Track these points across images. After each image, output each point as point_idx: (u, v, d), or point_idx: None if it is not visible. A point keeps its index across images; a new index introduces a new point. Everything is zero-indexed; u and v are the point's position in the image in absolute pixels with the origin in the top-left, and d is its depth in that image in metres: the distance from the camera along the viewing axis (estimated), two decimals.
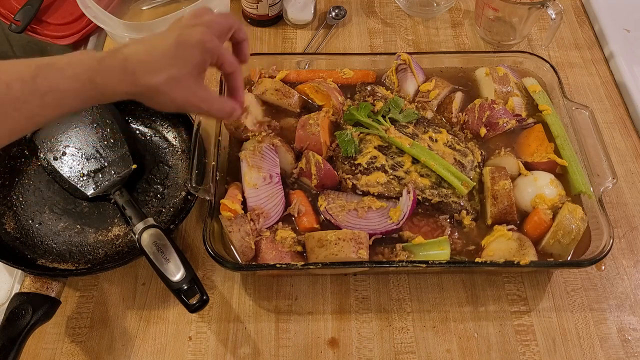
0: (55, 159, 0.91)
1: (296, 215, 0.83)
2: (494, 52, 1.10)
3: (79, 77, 0.59)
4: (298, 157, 0.88)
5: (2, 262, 0.80)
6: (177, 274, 0.74)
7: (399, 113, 0.91)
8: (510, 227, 0.82)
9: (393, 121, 0.90)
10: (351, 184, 0.85)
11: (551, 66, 0.97)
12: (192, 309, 0.73)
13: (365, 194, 0.85)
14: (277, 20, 1.19)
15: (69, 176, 0.90)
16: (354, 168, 0.86)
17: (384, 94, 0.95)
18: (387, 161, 0.86)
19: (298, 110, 0.95)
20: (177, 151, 0.96)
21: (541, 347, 0.79)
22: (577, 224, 0.79)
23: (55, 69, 0.58)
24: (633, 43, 1.14)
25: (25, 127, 0.60)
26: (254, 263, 0.80)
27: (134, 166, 0.91)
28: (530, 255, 0.79)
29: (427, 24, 1.21)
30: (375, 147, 0.87)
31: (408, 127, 0.90)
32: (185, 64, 0.62)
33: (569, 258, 0.81)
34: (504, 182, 0.84)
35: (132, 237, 0.84)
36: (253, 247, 0.79)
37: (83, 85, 0.59)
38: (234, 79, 0.71)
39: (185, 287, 0.73)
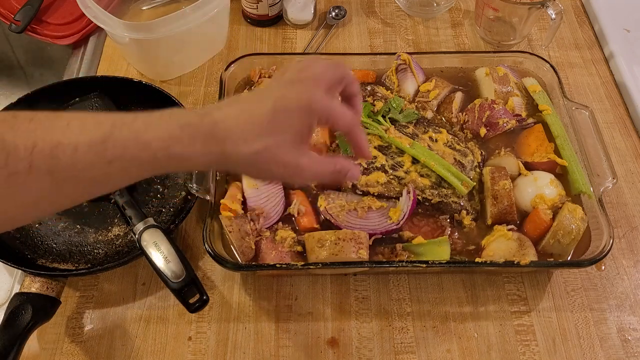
0: None
1: (296, 215, 0.83)
2: (494, 52, 1.10)
3: (150, 145, 0.50)
4: None
5: (2, 262, 0.80)
6: (177, 274, 0.74)
7: (399, 113, 0.91)
8: (510, 227, 0.82)
9: (393, 121, 0.90)
10: (351, 184, 0.85)
11: (551, 66, 0.97)
12: (192, 309, 0.73)
13: (365, 194, 0.85)
14: (277, 20, 1.19)
15: None
16: None
17: (384, 94, 0.95)
18: (387, 161, 0.86)
19: None
20: None
21: (541, 347, 0.80)
22: (577, 224, 0.79)
23: (130, 130, 0.50)
24: (633, 43, 1.14)
25: (81, 196, 0.52)
26: (254, 263, 0.80)
27: None
28: (530, 255, 0.79)
29: (427, 24, 1.21)
30: (375, 147, 0.87)
31: (408, 127, 0.90)
32: (286, 131, 0.54)
33: (569, 258, 0.81)
34: (504, 182, 0.84)
35: (132, 237, 0.84)
36: (253, 247, 0.79)
37: (153, 155, 0.50)
38: (352, 137, 0.60)
39: (185, 287, 0.73)
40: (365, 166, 0.83)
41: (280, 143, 0.54)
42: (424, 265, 0.76)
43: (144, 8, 1.13)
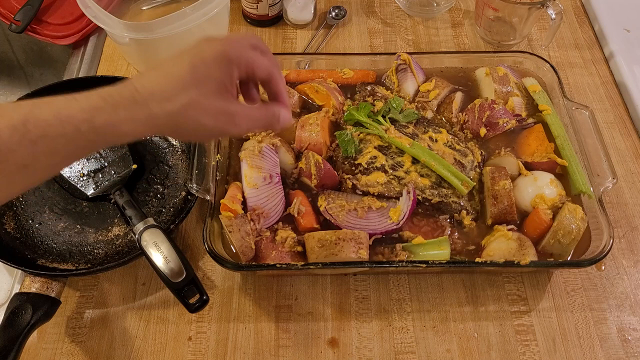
0: None
1: (296, 215, 0.83)
2: (494, 52, 1.10)
3: (72, 119, 0.50)
4: (298, 157, 0.88)
5: (2, 262, 0.80)
6: (177, 274, 0.74)
7: (399, 113, 0.91)
8: (510, 227, 0.82)
9: (393, 121, 0.90)
10: (351, 184, 0.85)
11: (551, 66, 0.97)
12: (192, 309, 0.73)
13: (365, 194, 0.85)
14: (277, 20, 1.19)
15: (69, 176, 0.90)
16: (354, 168, 0.86)
17: (384, 94, 0.95)
18: (387, 161, 0.86)
19: (298, 110, 0.95)
20: (177, 151, 0.96)
21: (541, 347, 0.79)
22: (577, 224, 0.79)
23: (49, 109, 0.50)
24: (633, 43, 1.14)
25: (18, 183, 0.51)
26: (254, 263, 0.80)
27: (134, 166, 0.91)
28: (530, 255, 0.79)
29: (427, 24, 1.21)
30: (375, 147, 0.87)
31: (408, 127, 0.90)
32: (207, 82, 0.55)
33: (569, 258, 0.81)
34: (504, 182, 0.84)
35: (132, 237, 0.84)
36: (253, 247, 0.79)
37: (77, 129, 0.50)
38: (273, 84, 0.62)
39: (185, 287, 0.73)
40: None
41: (205, 93, 0.55)
42: (424, 265, 0.76)
43: (144, 8, 1.13)
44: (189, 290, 0.73)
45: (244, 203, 0.82)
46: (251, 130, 0.66)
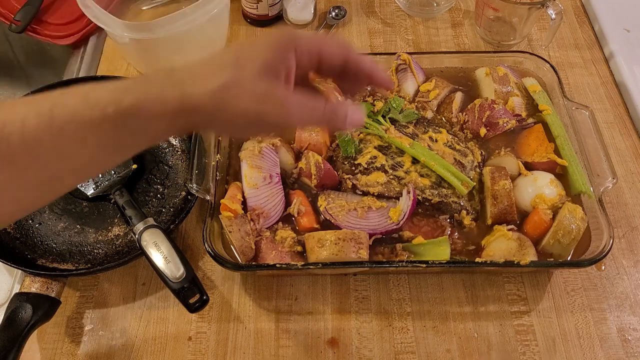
0: None
1: (296, 215, 0.83)
2: (494, 52, 1.10)
3: (99, 101, 0.45)
4: (298, 157, 0.88)
5: (2, 262, 0.80)
6: (177, 274, 0.74)
7: (399, 113, 0.91)
8: (510, 227, 0.82)
9: (393, 121, 0.90)
10: (351, 184, 0.85)
11: (551, 66, 0.97)
12: (192, 309, 0.73)
13: (365, 194, 0.85)
14: (277, 20, 1.19)
15: None
16: (354, 168, 0.86)
17: (384, 94, 0.95)
18: (387, 161, 0.86)
19: None
20: (177, 151, 0.96)
21: (541, 347, 0.79)
22: (577, 224, 0.79)
23: (77, 92, 0.46)
24: (633, 43, 1.14)
25: (44, 183, 0.46)
26: (254, 263, 0.80)
27: (134, 166, 0.91)
28: (530, 255, 0.79)
29: (427, 24, 1.21)
30: (375, 147, 0.87)
31: (408, 127, 0.90)
32: (250, 62, 0.47)
33: (569, 258, 0.81)
34: (504, 182, 0.84)
35: (132, 237, 0.84)
36: (253, 247, 0.79)
37: (104, 113, 0.45)
38: (357, 64, 0.52)
39: (185, 287, 0.73)
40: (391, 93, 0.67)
41: (246, 74, 0.47)
42: (424, 265, 0.76)
43: (144, 8, 1.13)
44: (189, 290, 0.73)
45: (244, 203, 0.82)
46: (308, 124, 0.55)
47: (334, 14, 1.19)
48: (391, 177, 0.85)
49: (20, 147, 0.44)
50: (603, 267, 0.87)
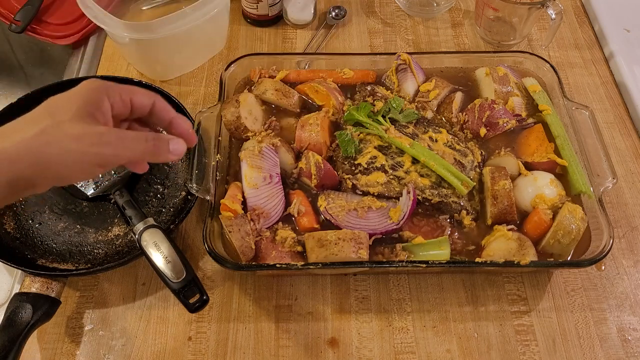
0: None
1: (296, 215, 0.83)
2: (494, 52, 1.10)
3: None
4: (298, 157, 0.88)
5: (2, 262, 0.80)
6: (177, 274, 0.74)
7: (399, 113, 0.91)
8: (510, 227, 0.82)
9: (393, 121, 0.90)
10: (351, 184, 0.85)
11: (551, 66, 0.97)
12: (192, 309, 0.73)
13: (365, 194, 0.85)
14: (277, 20, 1.19)
15: None
16: (354, 168, 0.86)
17: (384, 94, 0.95)
18: (387, 161, 0.86)
19: (298, 110, 0.95)
20: None
21: (541, 347, 0.79)
22: (577, 224, 0.79)
23: None
24: (633, 43, 1.14)
25: None
26: (254, 263, 0.80)
27: None
28: (530, 255, 0.79)
29: (427, 24, 1.21)
30: (375, 147, 0.87)
31: (408, 127, 0.90)
32: (63, 111, 0.50)
33: (569, 258, 0.81)
34: (504, 182, 0.84)
35: (132, 237, 0.84)
36: (253, 247, 0.79)
37: None
38: (162, 111, 0.58)
39: (185, 287, 0.73)
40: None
41: (62, 120, 0.50)
42: (424, 265, 0.76)
43: (144, 8, 1.13)
44: (189, 290, 0.73)
45: (244, 203, 0.82)
46: (130, 154, 0.54)
47: (334, 14, 1.19)
48: (391, 177, 0.85)
49: None
50: (603, 267, 0.87)
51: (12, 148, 0.48)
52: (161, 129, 0.62)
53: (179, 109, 0.94)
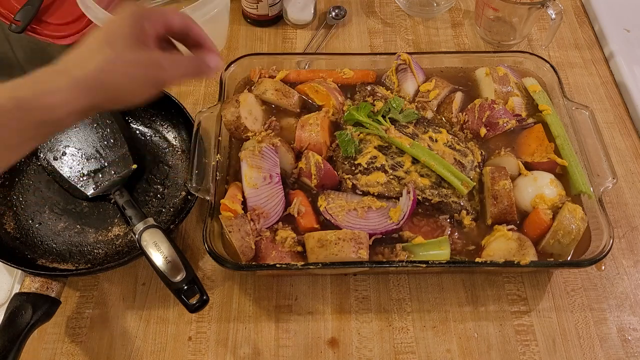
0: (55, 159, 0.91)
1: (296, 215, 0.83)
2: (494, 52, 1.10)
3: None
4: (298, 157, 0.88)
5: (2, 262, 0.80)
6: (177, 274, 0.74)
7: (399, 113, 0.91)
8: (510, 227, 0.82)
9: (393, 121, 0.90)
10: (351, 184, 0.85)
11: (551, 66, 0.97)
12: (192, 309, 0.73)
13: (365, 194, 0.85)
14: (277, 20, 1.19)
15: (69, 176, 0.90)
16: (354, 168, 0.86)
17: (384, 94, 0.95)
18: (387, 161, 0.86)
19: (298, 110, 0.95)
20: (177, 151, 0.96)
21: (541, 347, 0.80)
22: (577, 224, 0.79)
23: None
24: (633, 43, 1.14)
25: None
26: (254, 263, 0.80)
27: (134, 166, 0.91)
28: (530, 255, 0.79)
29: (427, 24, 1.21)
30: (375, 147, 0.87)
31: (408, 127, 0.90)
32: (119, 40, 0.56)
33: (569, 258, 0.81)
34: (504, 182, 0.84)
35: (132, 237, 0.84)
36: (253, 247, 0.79)
37: (2, 108, 0.51)
38: (193, 33, 0.63)
39: (185, 287, 0.73)
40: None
41: (121, 48, 0.56)
42: (424, 265, 0.76)
43: None
44: (189, 290, 0.73)
45: (244, 203, 0.82)
46: (184, 77, 0.63)
47: (334, 14, 1.19)
48: (391, 177, 0.85)
49: None
50: (603, 267, 0.87)
51: (85, 78, 0.54)
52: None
53: (179, 109, 0.94)
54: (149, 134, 0.98)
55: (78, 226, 0.88)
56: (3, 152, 0.53)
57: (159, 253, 0.76)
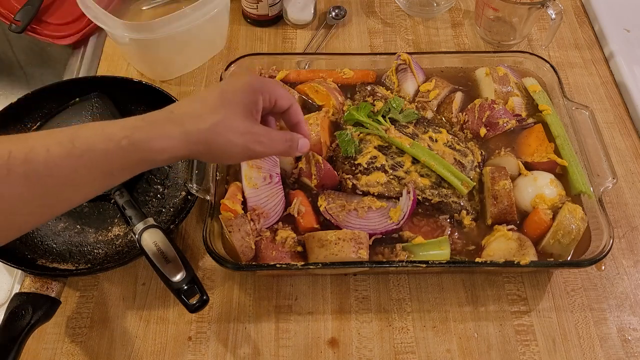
0: None
1: (296, 215, 0.83)
2: (494, 52, 1.10)
3: (114, 135, 0.56)
4: (298, 157, 0.88)
5: (2, 262, 0.80)
6: (177, 274, 0.74)
7: (399, 113, 0.91)
8: (510, 227, 0.82)
9: (393, 121, 0.90)
10: (351, 184, 0.85)
11: (551, 66, 0.97)
12: (192, 309, 0.73)
13: (365, 194, 0.85)
14: (277, 20, 1.19)
15: None
16: (354, 168, 0.86)
17: (384, 94, 0.95)
18: (387, 161, 0.86)
19: None
20: None
21: (541, 347, 0.80)
22: (577, 224, 0.79)
23: (93, 128, 0.57)
24: (633, 43, 1.14)
25: (57, 200, 0.56)
26: (254, 263, 0.80)
27: None
28: (530, 255, 0.79)
29: (427, 24, 1.21)
30: (375, 147, 0.87)
31: (408, 127, 0.90)
32: (234, 105, 0.62)
33: (569, 258, 0.81)
34: (504, 182, 0.84)
35: (132, 237, 0.84)
36: (253, 247, 0.79)
37: (118, 145, 0.55)
38: (293, 114, 0.70)
39: (185, 287, 0.73)
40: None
41: (232, 115, 0.62)
42: (424, 265, 0.76)
43: (144, 8, 1.13)
44: (189, 290, 0.73)
45: (244, 203, 0.82)
46: (273, 152, 0.70)
47: (334, 14, 1.19)
48: (391, 177, 0.85)
49: (44, 170, 0.53)
50: (603, 267, 0.87)
51: (196, 133, 0.60)
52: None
53: None
54: None
55: (78, 226, 0.88)
56: (102, 180, 0.58)
57: (159, 253, 0.76)
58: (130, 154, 0.57)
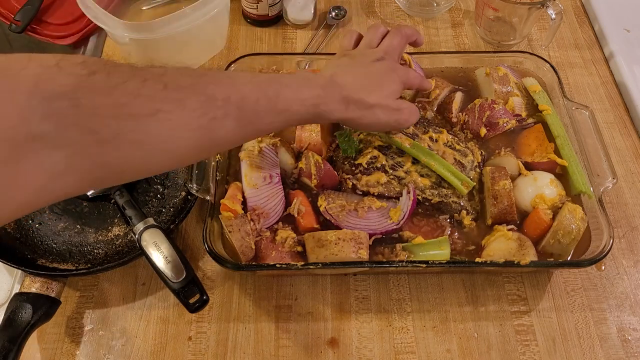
0: None
1: (296, 215, 0.83)
2: (494, 52, 1.10)
3: (306, 102, 0.67)
4: (298, 157, 0.88)
5: (2, 262, 0.80)
6: (177, 274, 0.74)
7: None
8: (510, 227, 0.82)
9: None
10: (351, 184, 0.85)
11: (551, 66, 0.97)
12: (192, 309, 0.73)
13: (366, 194, 0.85)
14: (277, 20, 1.19)
15: None
16: (354, 168, 0.86)
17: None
18: (387, 161, 0.86)
19: None
20: None
21: (541, 347, 0.80)
22: (577, 224, 0.79)
23: (292, 91, 0.66)
24: (633, 43, 1.14)
25: (251, 136, 0.71)
26: (254, 263, 0.80)
27: None
28: (530, 255, 0.79)
29: (427, 24, 1.21)
30: (375, 147, 0.87)
31: (408, 127, 0.90)
32: (387, 88, 0.75)
33: (569, 258, 0.81)
34: (504, 182, 0.84)
35: (132, 237, 0.84)
36: (253, 247, 0.79)
37: (307, 110, 0.67)
38: (422, 87, 0.87)
39: (185, 287, 0.73)
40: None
41: (388, 96, 0.75)
42: (424, 265, 0.76)
43: (144, 8, 1.13)
44: (189, 290, 0.73)
45: (244, 203, 0.82)
46: (412, 120, 0.80)
47: (334, 14, 1.19)
48: (391, 177, 0.85)
49: (251, 117, 0.62)
50: (603, 267, 0.87)
51: (354, 100, 0.72)
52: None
53: None
54: None
55: (78, 226, 0.88)
56: (281, 128, 0.69)
57: (159, 253, 0.76)
58: (312, 116, 0.69)
